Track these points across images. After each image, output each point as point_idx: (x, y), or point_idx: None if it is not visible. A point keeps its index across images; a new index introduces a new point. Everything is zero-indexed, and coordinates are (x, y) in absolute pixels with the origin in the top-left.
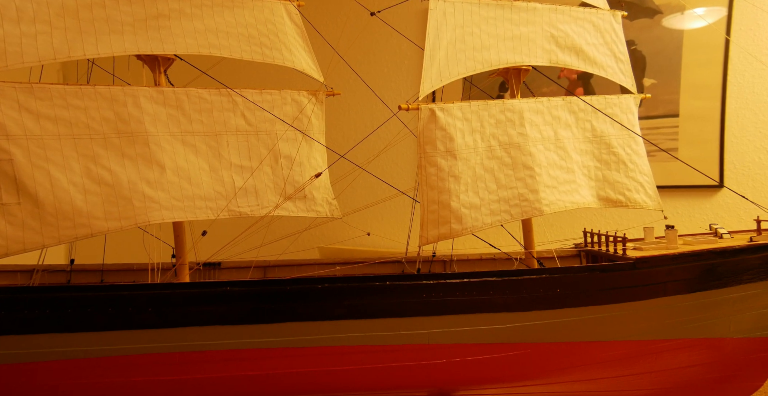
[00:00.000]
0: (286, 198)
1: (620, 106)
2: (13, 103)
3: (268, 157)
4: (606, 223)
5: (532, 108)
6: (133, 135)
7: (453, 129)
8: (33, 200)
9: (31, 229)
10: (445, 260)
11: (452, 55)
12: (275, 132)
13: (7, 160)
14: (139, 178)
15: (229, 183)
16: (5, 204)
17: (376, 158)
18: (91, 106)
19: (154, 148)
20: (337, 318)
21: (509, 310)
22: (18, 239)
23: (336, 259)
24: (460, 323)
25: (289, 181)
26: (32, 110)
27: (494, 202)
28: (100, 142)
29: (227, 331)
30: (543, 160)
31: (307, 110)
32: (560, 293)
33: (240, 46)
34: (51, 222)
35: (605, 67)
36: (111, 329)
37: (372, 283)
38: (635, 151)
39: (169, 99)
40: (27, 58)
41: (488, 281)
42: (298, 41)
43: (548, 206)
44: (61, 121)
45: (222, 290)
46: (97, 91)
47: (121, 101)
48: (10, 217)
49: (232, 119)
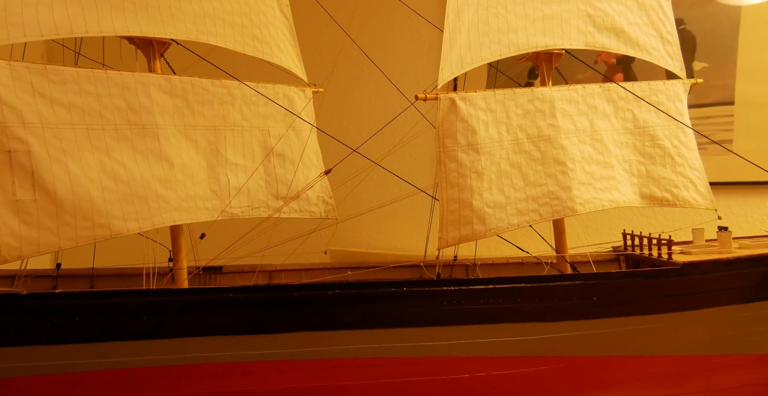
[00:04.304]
0: (291, 199)
1: (666, 93)
2: (27, 86)
3: (260, 154)
4: (649, 224)
5: (564, 96)
6: (144, 128)
7: (475, 120)
8: (51, 197)
9: (46, 229)
10: (467, 265)
11: (475, 39)
12: (268, 128)
13: (24, 151)
14: (151, 175)
15: (224, 182)
16: (20, 201)
17: (391, 153)
18: (103, 92)
19: (163, 143)
20: (349, 327)
21: (539, 320)
22: (32, 240)
23: (348, 263)
24: (484, 334)
25: (281, 180)
26: (46, 95)
27: (521, 200)
28: (111, 134)
29: (229, 342)
30: (577, 154)
31: (297, 106)
32: (597, 302)
33: (234, 36)
34: (69, 221)
35: (650, 50)
36: (101, 340)
37: (387, 290)
38: (684, 143)
39: (176, 88)
40: (29, 32)
41: (516, 288)
42: (286, 35)
43: (582, 205)
44: (74, 108)
45: (223, 297)
46: (109, 76)
47: (132, 89)
48: (25, 215)
49: (230, 113)
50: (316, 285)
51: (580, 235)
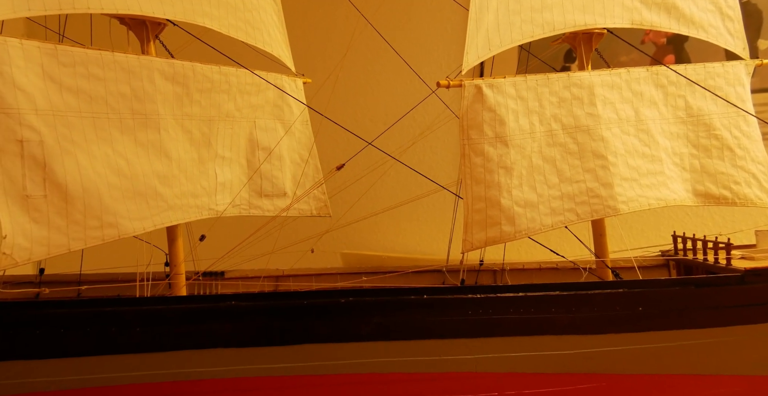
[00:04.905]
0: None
1: (725, 77)
2: (38, 68)
3: (246, 147)
4: (703, 225)
5: (606, 82)
6: (147, 117)
7: (504, 110)
8: (61, 193)
9: (56, 228)
10: (495, 270)
11: (504, 18)
12: (254, 119)
13: (36, 141)
14: (151, 170)
15: (212, 177)
16: (30, 197)
17: (410, 146)
18: (110, 77)
19: (163, 135)
20: (364, 339)
21: (577, 333)
22: (42, 241)
23: (362, 268)
24: (514, 347)
25: (266, 176)
26: (56, 79)
27: (556, 198)
28: (116, 123)
29: (232, 356)
30: (619, 147)
31: (288, 97)
32: (643, 313)
33: (228, 19)
34: (78, 220)
35: (706, 27)
36: (89, 354)
37: (406, 297)
38: (745, 133)
39: (178, 74)
40: (32, 5)
41: (550, 296)
42: (275, 20)
43: (626, 204)
44: (82, 94)
45: (225, 305)
46: (116, 59)
47: (137, 74)
48: (36, 212)
49: (225, 103)
50: (328, 292)
51: (623, 238)
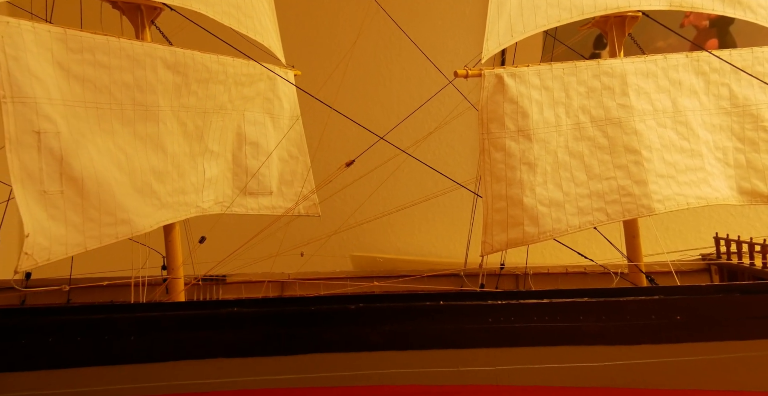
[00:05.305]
0: (303, 198)
1: None
2: (48, 54)
3: (233, 141)
4: (749, 227)
5: (640, 70)
6: (147, 109)
7: (527, 101)
8: (77, 188)
9: (72, 225)
10: (517, 274)
11: (528, 1)
12: (244, 111)
13: (53, 132)
14: (149, 166)
15: (201, 172)
16: (47, 192)
17: (425, 140)
18: (115, 65)
19: (161, 128)
20: (375, 349)
21: (607, 344)
22: (60, 239)
23: (373, 271)
24: (538, 359)
25: (252, 173)
26: (64, 66)
27: (584, 197)
28: (117, 114)
29: (234, 366)
30: (654, 141)
31: (280, 88)
32: (682, 322)
33: (221, 6)
34: (93, 216)
35: (754, 8)
36: (80, 365)
37: (421, 304)
38: None
39: (179, 63)
40: None
41: (577, 303)
42: (265, 8)
43: (661, 203)
44: (87, 83)
45: (227, 312)
46: (122, 46)
47: (141, 62)
48: (53, 209)
49: (220, 94)
50: (337, 298)
51: (658, 240)
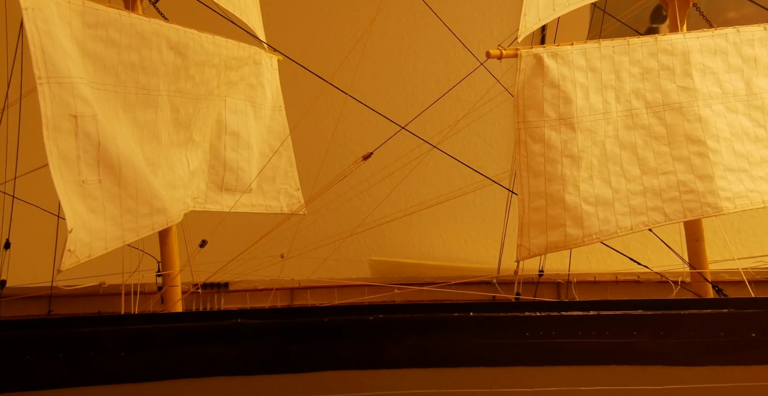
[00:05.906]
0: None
1: None
2: (68, 29)
3: (213, 129)
4: None
5: (706, 46)
6: (148, 93)
7: (570, 85)
8: (115, 176)
9: (111, 218)
10: (558, 282)
11: None
12: (225, 97)
13: (90, 116)
14: (143, 156)
15: (185, 163)
16: (86, 182)
17: (453, 130)
18: (124, 43)
19: (159, 115)
20: (396, 365)
21: (666, 363)
22: (100, 233)
23: (394, 278)
24: (584, 380)
25: (230, 166)
26: (80, 43)
27: (637, 194)
28: (121, 99)
29: (237, 385)
30: (723, 129)
31: (264, 74)
32: (757, 340)
33: None
34: (131, 207)
35: None
36: (62, 386)
37: (448, 315)
38: None
39: (181, 43)
40: None
41: (630, 316)
42: None
43: (731, 200)
44: (98, 62)
45: (230, 324)
46: (132, 22)
47: (148, 41)
48: (92, 201)
49: (212, 79)
50: (353, 308)
51: (727, 244)
